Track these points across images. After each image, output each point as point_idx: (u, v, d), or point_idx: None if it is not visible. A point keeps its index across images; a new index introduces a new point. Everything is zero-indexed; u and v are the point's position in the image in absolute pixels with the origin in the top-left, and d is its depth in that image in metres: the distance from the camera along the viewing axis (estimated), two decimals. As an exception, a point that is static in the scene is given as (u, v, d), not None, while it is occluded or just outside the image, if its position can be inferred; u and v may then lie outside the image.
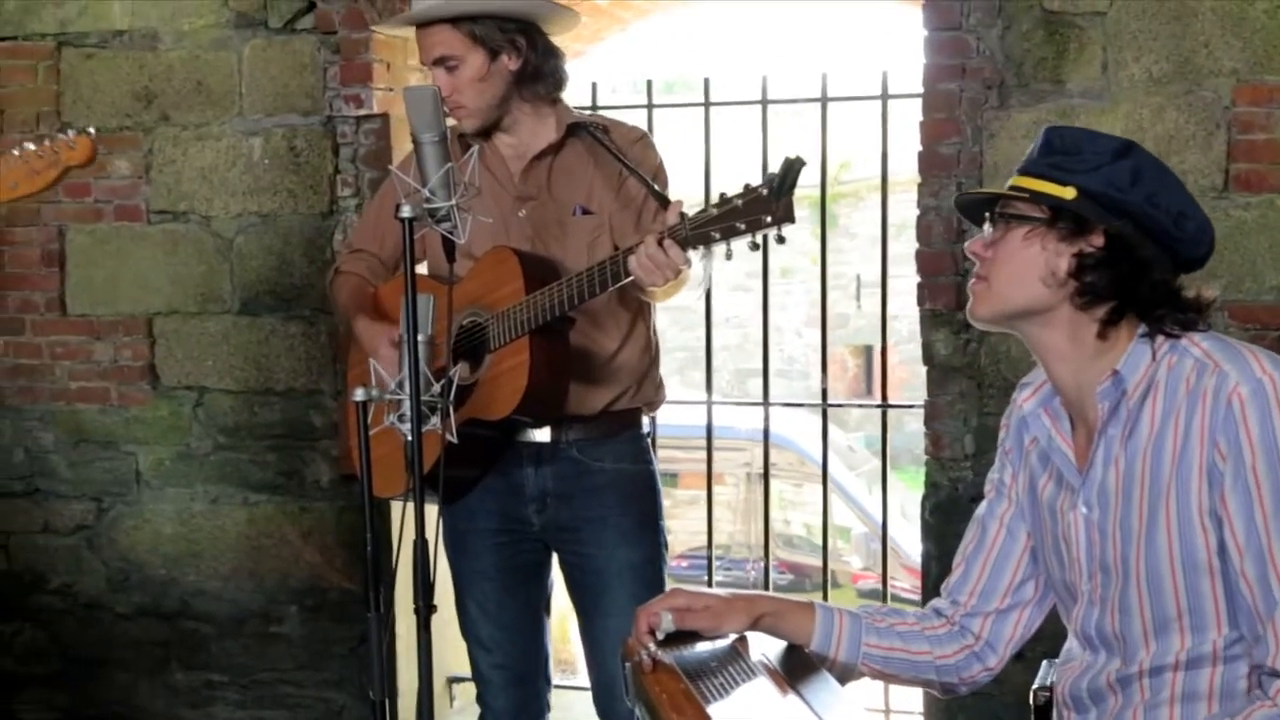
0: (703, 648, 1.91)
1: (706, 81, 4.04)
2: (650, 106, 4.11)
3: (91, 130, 1.93)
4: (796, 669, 1.89)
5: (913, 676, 2.02)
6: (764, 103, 4.00)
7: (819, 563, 10.02)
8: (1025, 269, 1.79)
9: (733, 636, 1.95)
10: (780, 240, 2.26)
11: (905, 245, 3.88)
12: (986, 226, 1.86)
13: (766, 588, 4.27)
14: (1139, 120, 3.47)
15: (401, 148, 4.03)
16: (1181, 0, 3.43)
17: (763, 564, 9.68)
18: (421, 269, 2.72)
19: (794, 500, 10.73)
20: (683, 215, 2.36)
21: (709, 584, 4.24)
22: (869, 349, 14.97)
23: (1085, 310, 1.78)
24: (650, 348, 2.82)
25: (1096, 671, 1.85)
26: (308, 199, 4.04)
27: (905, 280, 3.94)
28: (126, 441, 4.21)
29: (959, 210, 1.93)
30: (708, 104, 4.05)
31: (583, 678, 4.73)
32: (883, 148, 3.93)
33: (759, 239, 2.28)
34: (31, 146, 1.92)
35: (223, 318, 4.13)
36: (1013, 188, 1.83)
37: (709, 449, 4.28)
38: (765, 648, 1.95)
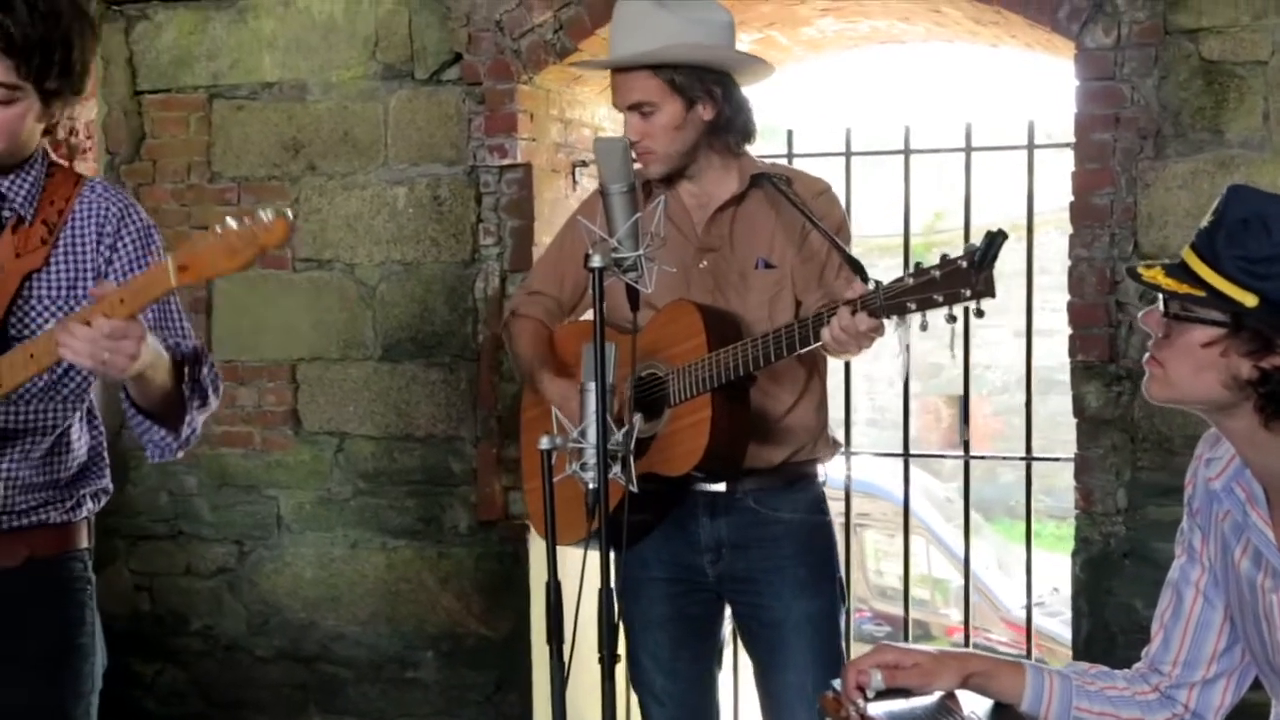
0: (912, 704, 1.88)
1: (848, 131, 4.04)
2: (790, 156, 4.11)
3: (288, 211, 1.96)
4: (1010, 728, 1.86)
5: None
6: (906, 152, 3.99)
7: (914, 614, 9.90)
8: (1204, 370, 1.70)
9: (939, 693, 1.92)
10: (979, 314, 2.21)
11: (999, 296, 3.83)
12: (1160, 301, 1.73)
13: (906, 639, 4.21)
14: (1302, 171, 3.42)
15: (543, 198, 4.07)
16: (1347, 49, 3.38)
17: (858, 614, 9.57)
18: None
19: (888, 550, 10.58)
20: (877, 283, 2.32)
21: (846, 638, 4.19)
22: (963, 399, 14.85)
23: (1271, 425, 1.69)
24: (824, 403, 2.78)
25: None
26: (450, 247, 4.09)
27: (998, 330, 3.89)
28: (268, 485, 4.26)
29: (1129, 276, 1.80)
30: (849, 153, 4.05)
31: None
32: (1028, 198, 3.89)
33: (956, 311, 2.22)
34: (232, 223, 1.95)
35: (364, 364, 4.18)
36: (1189, 270, 1.70)
37: (847, 499, 4.30)
38: (974, 705, 1.92)
